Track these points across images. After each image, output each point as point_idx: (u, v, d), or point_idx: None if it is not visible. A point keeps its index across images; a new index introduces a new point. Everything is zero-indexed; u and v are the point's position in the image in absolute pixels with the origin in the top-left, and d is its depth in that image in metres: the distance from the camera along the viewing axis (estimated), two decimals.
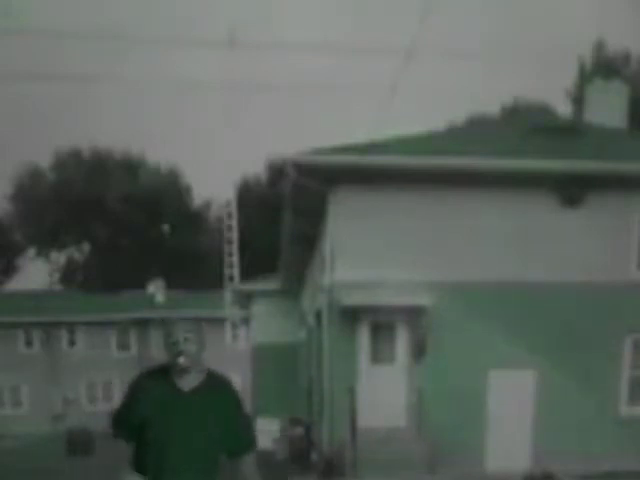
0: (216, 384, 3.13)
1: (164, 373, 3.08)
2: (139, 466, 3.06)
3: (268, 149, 40.27)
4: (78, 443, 19.01)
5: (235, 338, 26.79)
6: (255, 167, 40.27)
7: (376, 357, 10.72)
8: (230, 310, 25.05)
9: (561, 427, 10.41)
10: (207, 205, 45.51)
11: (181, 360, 2.98)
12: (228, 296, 24.51)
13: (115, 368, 28.01)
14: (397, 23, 51.12)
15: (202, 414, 3.02)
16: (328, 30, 53.54)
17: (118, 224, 40.61)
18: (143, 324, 29.48)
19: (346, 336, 10.52)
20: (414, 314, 10.44)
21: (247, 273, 24.27)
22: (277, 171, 31.69)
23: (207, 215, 45.67)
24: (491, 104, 32.46)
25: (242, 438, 3.17)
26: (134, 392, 3.09)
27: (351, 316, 10.44)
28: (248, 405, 22.75)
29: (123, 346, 29.71)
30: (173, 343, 3.00)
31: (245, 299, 21.34)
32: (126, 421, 3.08)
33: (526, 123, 13.31)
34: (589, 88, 15.98)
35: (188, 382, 3.04)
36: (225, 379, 3.21)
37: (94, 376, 28.67)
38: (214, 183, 46.74)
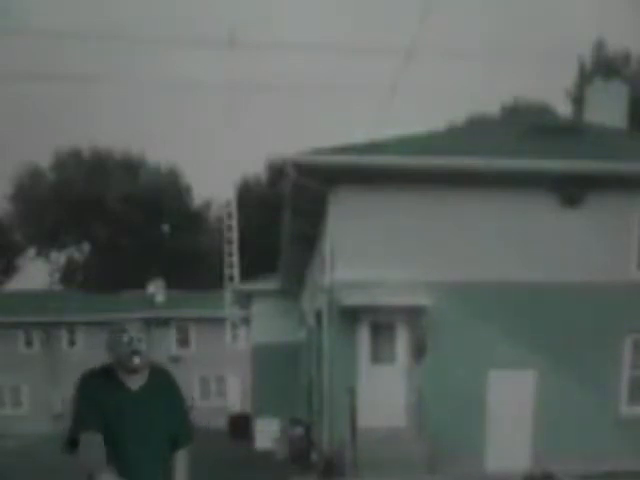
0: (159, 378, 3.16)
1: (108, 373, 3.07)
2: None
3: (268, 149, 40.21)
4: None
5: (235, 338, 26.78)
6: (255, 167, 40.29)
7: (376, 357, 10.71)
8: (230, 310, 25.04)
9: (561, 427, 10.40)
10: (207, 205, 45.52)
11: (136, 360, 2.98)
12: (228, 296, 24.50)
13: None
14: (397, 23, 51.17)
15: (152, 410, 3.05)
16: (328, 30, 53.51)
17: (118, 224, 40.61)
18: (143, 324, 29.44)
19: (346, 336, 10.52)
20: (414, 314, 10.44)
21: (247, 273, 24.26)
22: (277, 171, 31.65)
23: (207, 215, 45.68)
24: (491, 104, 32.49)
25: (181, 432, 3.19)
26: (88, 392, 3.02)
27: (351, 316, 10.44)
28: (248, 405, 22.78)
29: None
30: (128, 343, 2.99)
31: (245, 299, 21.34)
32: (95, 417, 2.95)
33: (526, 123, 13.30)
34: (589, 88, 15.99)
35: (135, 380, 3.05)
36: (165, 371, 3.24)
37: None
38: (214, 183, 46.76)
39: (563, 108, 29.95)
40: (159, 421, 3.06)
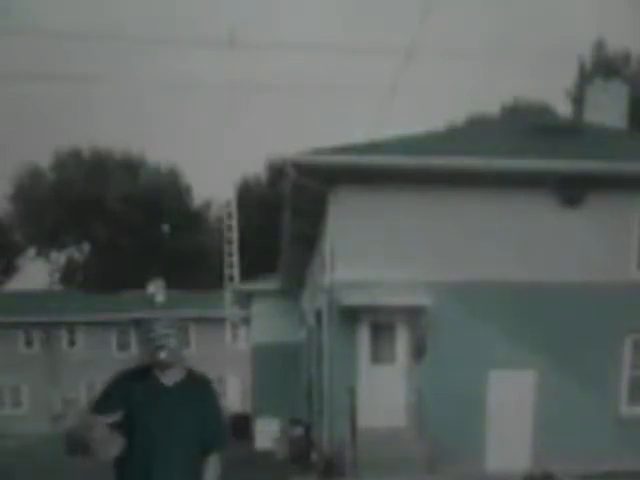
0: (197, 381, 3.21)
1: (146, 371, 3.13)
2: (123, 464, 3.03)
3: (268, 149, 40.22)
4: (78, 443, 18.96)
5: (235, 338, 26.79)
6: (255, 167, 40.30)
7: (376, 357, 10.71)
8: (230, 310, 25.04)
9: (561, 427, 10.40)
10: (207, 205, 45.52)
11: (161, 355, 3.03)
12: (228, 296, 24.50)
13: (115, 368, 27.82)
14: (397, 23, 51.16)
15: (185, 407, 3.08)
16: (328, 30, 53.53)
17: (118, 224, 40.60)
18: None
19: (346, 336, 10.52)
20: (414, 314, 10.44)
21: (247, 273, 24.26)
22: (277, 171, 31.66)
23: (207, 215, 45.67)
24: (491, 104, 32.50)
25: (215, 436, 3.22)
26: (116, 386, 3.08)
27: (351, 316, 10.44)
28: (248, 405, 22.78)
29: (123, 346, 29.69)
30: (153, 338, 3.05)
31: (245, 299, 21.33)
32: (110, 407, 2.98)
33: (526, 123, 13.30)
34: (589, 88, 15.99)
35: (170, 377, 3.10)
36: (206, 377, 3.30)
37: (94, 376, 28.58)
38: (214, 183, 46.79)
39: (563, 108, 29.98)
40: (188, 421, 3.08)
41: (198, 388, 3.19)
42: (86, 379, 29.02)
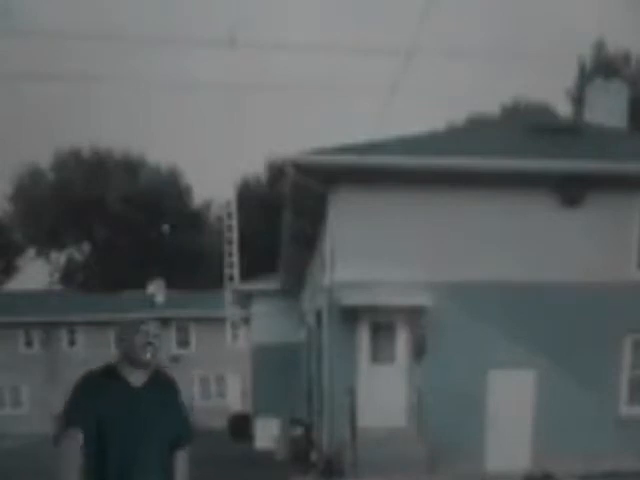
0: (160, 378, 3.20)
1: (111, 371, 3.12)
2: (101, 469, 3.01)
3: (268, 149, 40.23)
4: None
5: (235, 338, 26.79)
6: (255, 167, 40.31)
7: (376, 357, 10.71)
8: (230, 310, 25.04)
9: (561, 427, 10.40)
10: (207, 205, 45.51)
11: (149, 353, 3.05)
12: (228, 296, 24.50)
13: None
14: (397, 23, 51.16)
15: (152, 408, 3.07)
16: (328, 30, 53.53)
17: (118, 224, 40.60)
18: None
19: (346, 336, 10.52)
20: (414, 314, 10.44)
21: (247, 273, 24.27)
22: (277, 171, 31.69)
23: (207, 215, 45.66)
24: (491, 104, 32.51)
25: (182, 432, 3.22)
26: (86, 391, 3.06)
27: (351, 316, 10.44)
28: (248, 405, 22.78)
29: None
30: (143, 336, 3.06)
31: (245, 299, 21.35)
32: (83, 416, 2.98)
33: (526, 123, 13.30)
34: (589, 88, 15.98)
35: (138, 378, 3.09)
36: (169, 376, 3.29)
37: None
38: (214, 183, 46.79)
39: (563, 108, 29.99)
40: (159, 419, 3.09)
41: (162, 385, 3.20)
42: None
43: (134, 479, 3.00)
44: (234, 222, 24.99)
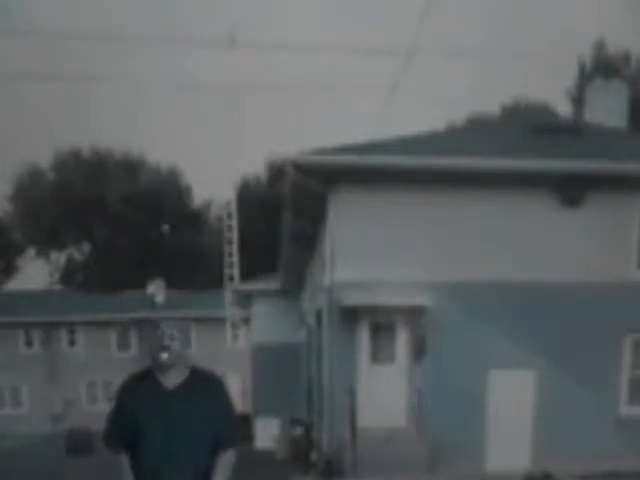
0: (200, 380, 3.18)
1: (149, 374, 3.14)
2: (137, 470, 3.11)
3: (268, 149, 40.23)
4: (78, 443, 19.01)
5: (235, 338, 26.79)
6: (255, 167, 40.32)
7: (376, 357, 10.71)
8: (230, 310, 25.04)
9: (561, 427, 10.39)
10: (207, 205, 45.51)
11: (164, 356, 3.03)
12: (228, 296, 24.50)
13: (115, 368, 27.96)
14: (397, 23, 51.17)
15: (186, 409, 3.07)
16: (328, 30, 53.53)
17: (118, 224, 40.59)
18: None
19: (346, 336, 10.51)
20: (414, 314, 10.44)
21: (247, 273, 24.26)
22: (277, 171, 31.69)
23: (207, 215, 45.66)
24: (491, 104, 32.52)
25: (225, 434, 3.20)
26: (122, 399, 3.15)
27: (351, 316, 10.44)
28: (248, 405, 22.77)
29: (123, 346, 29.67)
30: (157, 339, 3.05)
31: (245, 299, 21.34)
32: (120, 431, 3.13)
33: (526, 123, 13.30)
34: (589, 88, 15.98)
35: (171, 380, 3.09)
36: (211, 374, 3.26)
37: (94, 376, 28.63)
38: (214, 183, 46.79)
39: (563, 108, 29.98)
40: (194, 420, 3.07)
41: (203, 387, 3.16)
42: (86, 379, 29.03)
43: (165, 477, 3.04)
44: (234, 222, 24.98)
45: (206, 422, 3.10)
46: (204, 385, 3.18)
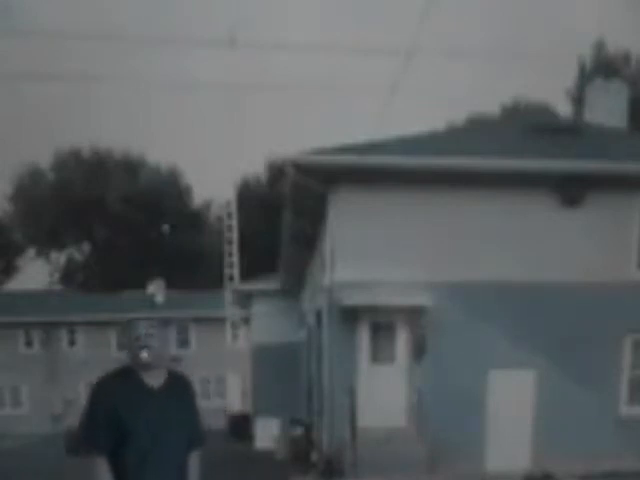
0: (176, 381, 3.20)
1: (128, 373, 3.09)
2: (119, 471, 3.02)
3: (268, 149, 40.23)
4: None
5: (235, 338, 26.76)
6: (255, 167, 40.32)
7: (376, 357, 10.71)
8: (230, 310, 25.03)
9: (561, 427, 10.40)
10: (207, 205, 45.49)
11: (143, 355, 3.01)
12: (228, 296, 24.48)
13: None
14: (397, 23, 51.18)
15: (169, 410, 3.08)
16: (328, 30, 53.55)
17: (118, 224, 40.58)
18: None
19: (346, 336, 10.52)
20: (414, 314, 10.44)
21: (247, 273, 24.25)
22: (277, 171, 31.69)
23: (207, 215, 45.65)
24: (491, 104, 32.52)
25: (195, 434, 3.23)
26: (102, 399, 3.03)
27: (351, 316, 10.44)
28: (248, 405, 22.77)
29: (123, 346, 29.65)
30: (136, 338, 3.05)
31: (245, 299, 21.33)
32: (106, 431, 2.98)
33: (526, 123, 13.30)
34: (589, 88, 15.98)
35: (155, 379, 3.09)
36: (182, 375, 3.29)
37: (94, 376, 28.26)
38: (214, 183, 46.79)
39: (563, 108, 29.99)
40: (175, 421, 3.09)
41: (178, 387, 3.20)
42: (86, 379, 28.94)
43: (150, 477, 3.01)
44: (234, 222, 24.97)
45: (184, 423, 3.14)
46: (180, 386, 3.21)
